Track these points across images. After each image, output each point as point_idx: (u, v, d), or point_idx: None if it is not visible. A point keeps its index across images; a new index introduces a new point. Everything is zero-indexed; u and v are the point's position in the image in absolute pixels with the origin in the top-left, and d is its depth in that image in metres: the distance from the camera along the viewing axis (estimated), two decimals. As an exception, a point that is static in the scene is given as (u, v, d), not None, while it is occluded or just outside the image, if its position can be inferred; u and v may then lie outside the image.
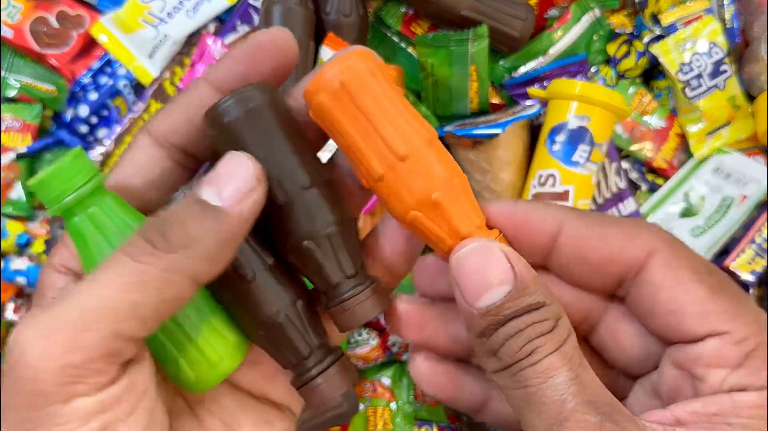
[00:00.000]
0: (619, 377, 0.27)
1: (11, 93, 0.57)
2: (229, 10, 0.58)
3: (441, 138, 0.30)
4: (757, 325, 0.22)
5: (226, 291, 0.24)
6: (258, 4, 0.58)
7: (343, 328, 0.25)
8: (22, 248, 0.57)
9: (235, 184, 0.21)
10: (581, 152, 0.51)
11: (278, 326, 0.24)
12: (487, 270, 0.23)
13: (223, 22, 0.59)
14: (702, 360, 0.22)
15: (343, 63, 0.23)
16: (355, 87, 0.23)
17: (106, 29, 0.56)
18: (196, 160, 0.26)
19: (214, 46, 0.56)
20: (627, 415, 0.22)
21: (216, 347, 0.24)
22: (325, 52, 0.54)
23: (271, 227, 0.24)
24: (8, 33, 0.56)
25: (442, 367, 0.28)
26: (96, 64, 0.58)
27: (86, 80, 0.58)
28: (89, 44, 0.58)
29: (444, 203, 0.23)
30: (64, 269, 0.24)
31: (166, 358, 0.24)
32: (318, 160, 0.25)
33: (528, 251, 0.25)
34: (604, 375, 0.26)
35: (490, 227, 0.25)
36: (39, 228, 0.56)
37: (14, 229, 0.56)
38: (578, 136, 0.51)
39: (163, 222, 0.21)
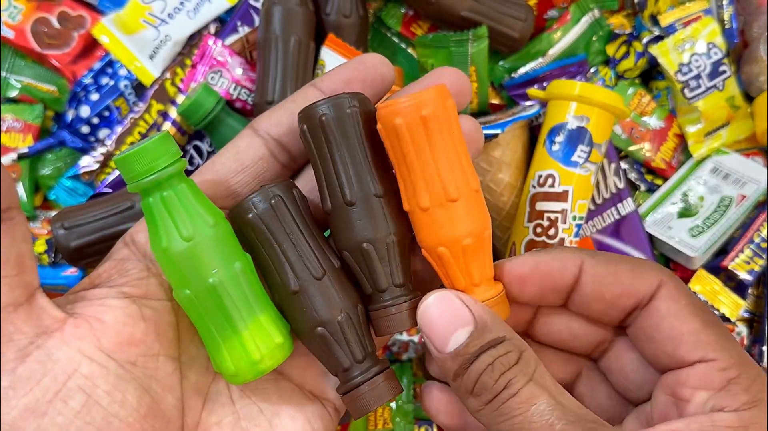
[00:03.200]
0: (621, 402, 0.29)
1: (12, 93, 0.57)
2: (230, 11, 0.58)
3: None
4: (740, 358, 0.25)
5: (292, 288, 0.25)
6: (258, 5, 0.58)
7: (381, 332, 0.26)
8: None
9: None
10: (580, 152, 0.51)
11: (340, 324, 0.25)
12: (449, 317, 0.25)
13: (224, 22, 0.59)
14: (689, 383, 0.25)
15: (429, 97, 0.24)
16: (434, 125, 0.24)
17: (107, 30, 0.56)
18: (289, 155, 0.28)
19: (215, 46, 0.56)
20: (610, 428, 0.24)
21: (259, 345, 0.24)
22: (326, 53, 0.54)
23: (336, 224, 0.26)
24: (9, 33, 0.56)
25: (455, 397, 0.30)
26: (97, 65, 0.58)
27: (87, 81, 0.58)
28: (90, 45, 0.58)
29: (471, 249, 0.26)
30: (130, 240, 0.27)
31: (212, 345, 0.25)
32: (390, 174, 0.27)
33: (552, 296, 0.28)
34: (609, 399, 0.30)
35: (496, 280, 0.27)
36: (40, 229, 0.56)
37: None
38: (577, 136, 0.51)
39: None
